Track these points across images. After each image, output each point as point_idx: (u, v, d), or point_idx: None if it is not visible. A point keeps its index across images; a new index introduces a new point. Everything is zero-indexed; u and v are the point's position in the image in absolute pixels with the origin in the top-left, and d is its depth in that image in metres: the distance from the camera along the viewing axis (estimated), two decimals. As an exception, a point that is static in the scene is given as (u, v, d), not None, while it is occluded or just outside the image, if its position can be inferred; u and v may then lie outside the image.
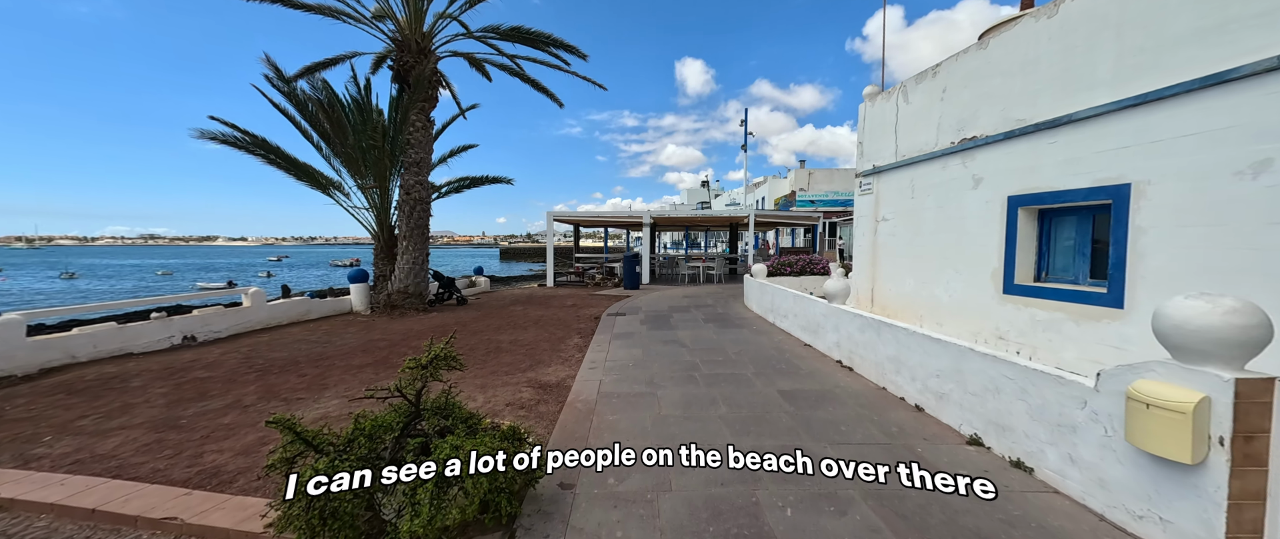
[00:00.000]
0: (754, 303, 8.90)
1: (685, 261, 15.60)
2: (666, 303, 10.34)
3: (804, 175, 37.51)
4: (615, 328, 7.48)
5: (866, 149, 8.12)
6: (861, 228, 8.23)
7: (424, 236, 9.25)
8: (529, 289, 14.47)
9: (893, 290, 7.29)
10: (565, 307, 10.24)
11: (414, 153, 8.99)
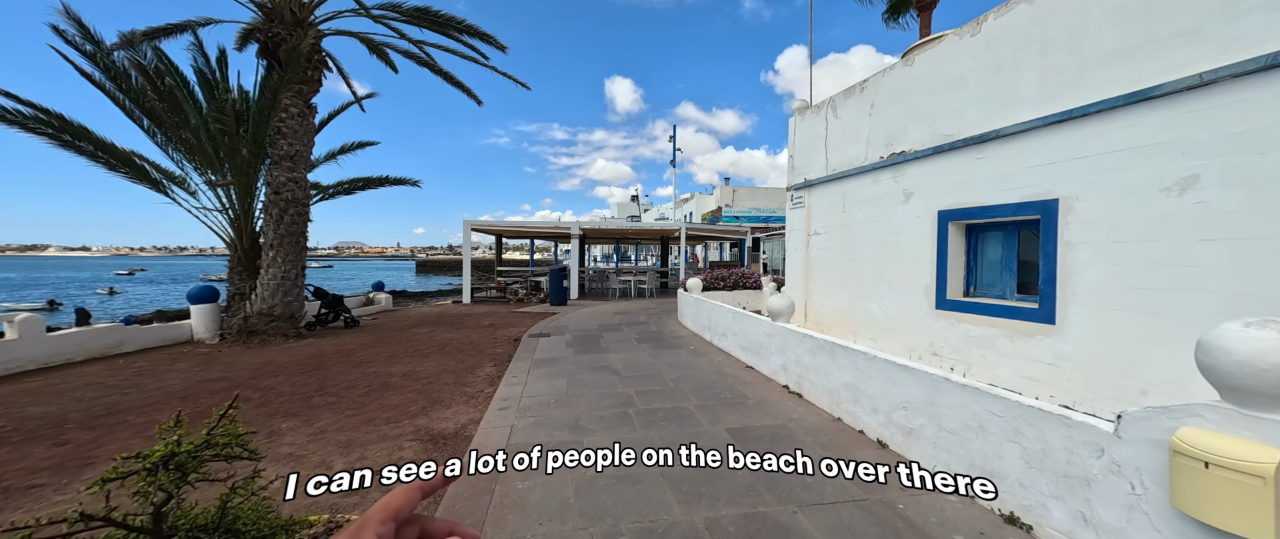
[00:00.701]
0: (690, 320, 8.43)
1: (616, 275, 14.95)
2: (596, 320, 9.55)
3: (728, 192, 38.99)
4: (537, 352, 6.54)
5: (797, 162, 8.07)
6: (794, 242, 8.13)
7: (299, 245, 7.61)
8: (441, 307, 12.87)
9: (827, 305, 7.18)
10: (480, 327, 9.03)
11: (287, 144, 7.38)
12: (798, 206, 8.03)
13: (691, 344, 7.02)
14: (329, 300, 8.72)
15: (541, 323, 9.39)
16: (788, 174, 8.45)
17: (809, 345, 4.36)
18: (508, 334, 8.25)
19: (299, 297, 7.58)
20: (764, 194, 39.24)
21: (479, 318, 10.35)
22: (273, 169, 7.35)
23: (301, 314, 7.69)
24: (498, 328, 8.98)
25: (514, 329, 8.81)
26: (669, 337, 7.65)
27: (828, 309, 7.12)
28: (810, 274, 7.69)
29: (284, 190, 7.33)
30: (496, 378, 5.31)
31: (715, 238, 20.39)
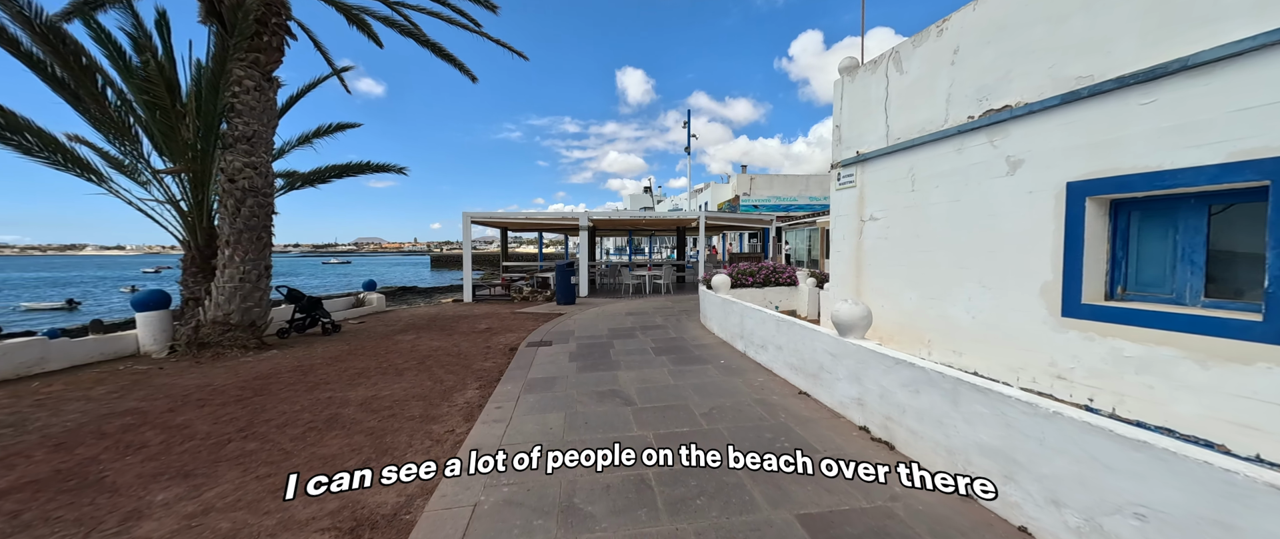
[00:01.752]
0: (716, 324, 7.16)
1: (629, 270, 13.74)
2: (606, 323, 8.35)
3: (746, 180, 37.35)
4: (533, 368, 5.38)
5: (845, 134, 6.69)
6: (841, 230, 6.78)
7: (261, 242, 6.56)
8: (438, 307, 11.85)
9: (886, 308, 5.84)
10: (475, 333, 7.92)
11: (242, 124, 6.30)
12: (846, 187, 6.66)
13: (721, 356, 5.77)
14: (304, 303, 7.71)
15: (544, 327, 8.23)
16: (833, 148, 7.06)
17: (903, 375, 3.06)
18: (503, 342, 7.11)
19: (261, 302, 6.55)
20: (783, 181, 37.51)
21: (476, 320, 9.26)
22: (227, 153, 6.28)
23: (265, 321, 6.66)
24: (494, 333, 7.86)
25: (512, 335, 7.68)
26: (692, 346, 6.41)
27: (887, 312, 5.78)
28: (862, 269, 6.34)
29: (240, 177, 6.27)
30: (476, 408, 4.16)
31: (736, 227, 19.00)
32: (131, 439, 3.51)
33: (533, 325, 8.61)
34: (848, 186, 6.63)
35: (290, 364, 5.71)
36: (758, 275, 8.68)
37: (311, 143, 8.12)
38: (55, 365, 5.38)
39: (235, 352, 6.04)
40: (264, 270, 6.63)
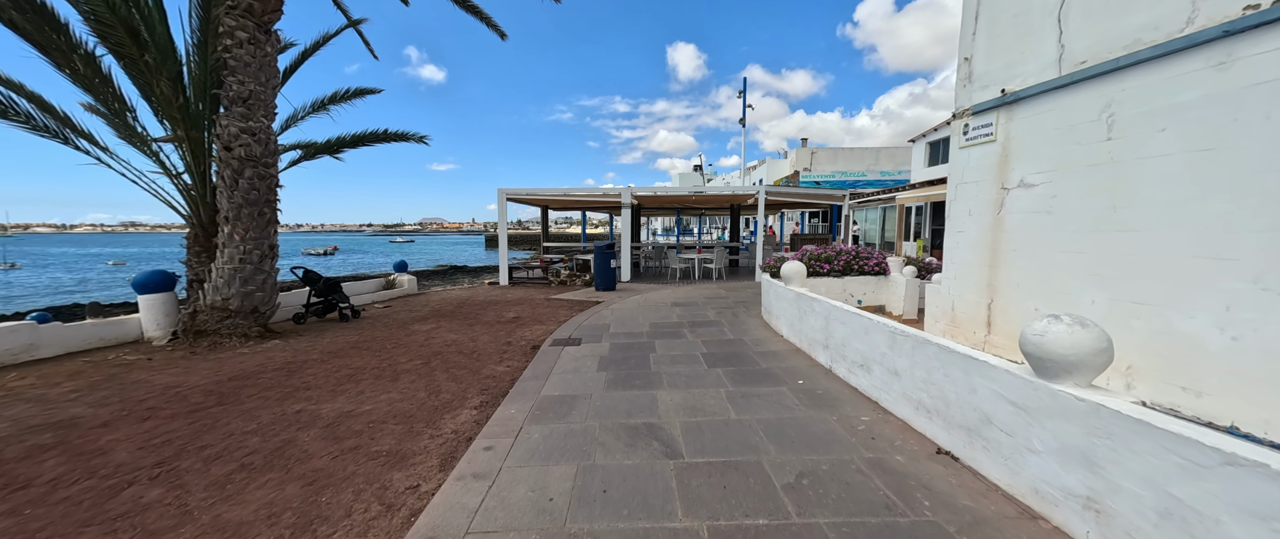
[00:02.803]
0: (785, 324, 5.66)
1: (676, 252, 12.35)
2: (648, 316, 7.08)
3: (806, 154, 34.34)
4: (551, 380, 4.23)
5: (980, 67, 4.84)
6: (966, 203, 5.00)
7: (264, 218, 5.86)
8: (471, 290, 11.13)
9: (1040, 312, 4.09)
10: (499, 323, 6.95)
11: (237, 83, 5.53)
12: (978, 142, 4.85)
13: (797, 371, 4.31)
14: (320, 286, 7.07)
15: (577, 318, 7.11)
16: (956, 91, 5.22)
17: (1251, 489, 1.49)
18: (527, 337, 6.05)
19: (265, 285, 5.88)
20: (848, 155, 34.15)
21: (504, 308, 8.33)
22: (221, 116, 5.56)
23: (270, 307, 6.02)
24: (519, 325, 6.84)
25: (539, 327, 6.62)
26: (755, 353, 4.98)
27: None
28: (1000, 256, 4.58)
29: (236, 144, 5.54)
30: (464, 441, 3.05)
31: (799, 204, 16.93)
32: (20, 473, 2.72)
33: (565, 315, 7.52)
34: (980, 141, 4.81)
35: (282, 360, 4.95)
36: (835, 262, 6.99)
37: (327, 109, 7.39)
38: (47, 352, 4.95)
39: (234, 341, 5.41)
40: (268, 250, 5.95)
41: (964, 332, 5.08)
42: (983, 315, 4.79)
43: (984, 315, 4.78)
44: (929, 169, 21.39)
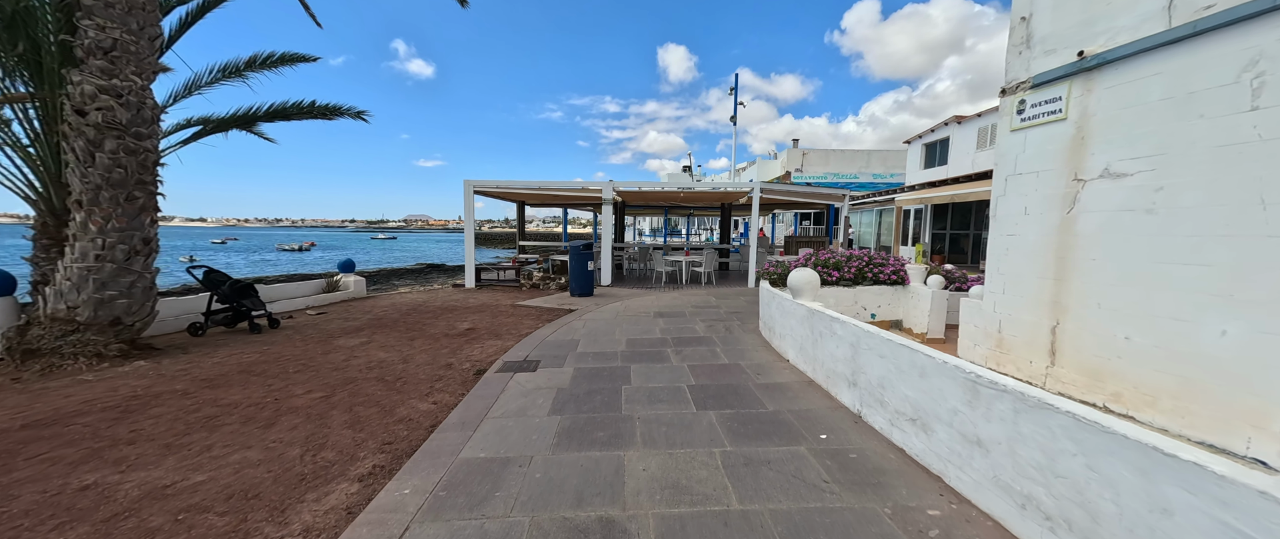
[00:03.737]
0: (791, 346, 4.59)
1: (662, 254, 11.26)
2: (626, 330, 5.98)
3: (797, 155, 33.69)
4: (485, 426, 3.10)
5: (1042, 24, 3.85)
6: (1022, 199, 4.01)
7: (134, 203, 4.59)
8: (431, 293, 9.88)
9: (1136, 341, 3.10)
10: (447, 337, 5.77)
11: (95, 29, 4.26)
12: (1039, 122, 3.85)
13: (816, 419, 3.24)
14: (226, 290, 5.80)
15: (541, 331, 5.96)
16: (1009, 59, 4.23)
17: None
18: (475, 357, 4.89)
19: (134, 289, 4.60)
20: (840, 157, 33.58)
21: (460, 316, 7.13)
22: (74, 72, 4.29)
23: (143, 316, 4.74)
24: (471, 340, 5.67)
25: (494, 343, 5.46)
26: (756, 388, 3.90)
27: (1145, 350, 3.06)
28: (1071, 266, 3.59)
29: (92, 107, 4.27)
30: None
31: (795, 204, 16.00)
32: None
33: (530, 326, 6.37)
34: (1043, 121, 3.80)
35: (127, 393, 3.71)
36: (845, 269, 5.97)
37: (243, 76, 6.10)
38: None
39: (80, 362, 4.14)
40: (141, 246, 4.68)
41: (1014, 359, 4.07)
42: (1043, 341, 3.79)
43: (1045, 341, 3.77)
44: (925, 171, 20.72)
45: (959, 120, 18.10)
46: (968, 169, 16.63)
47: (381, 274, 26.74)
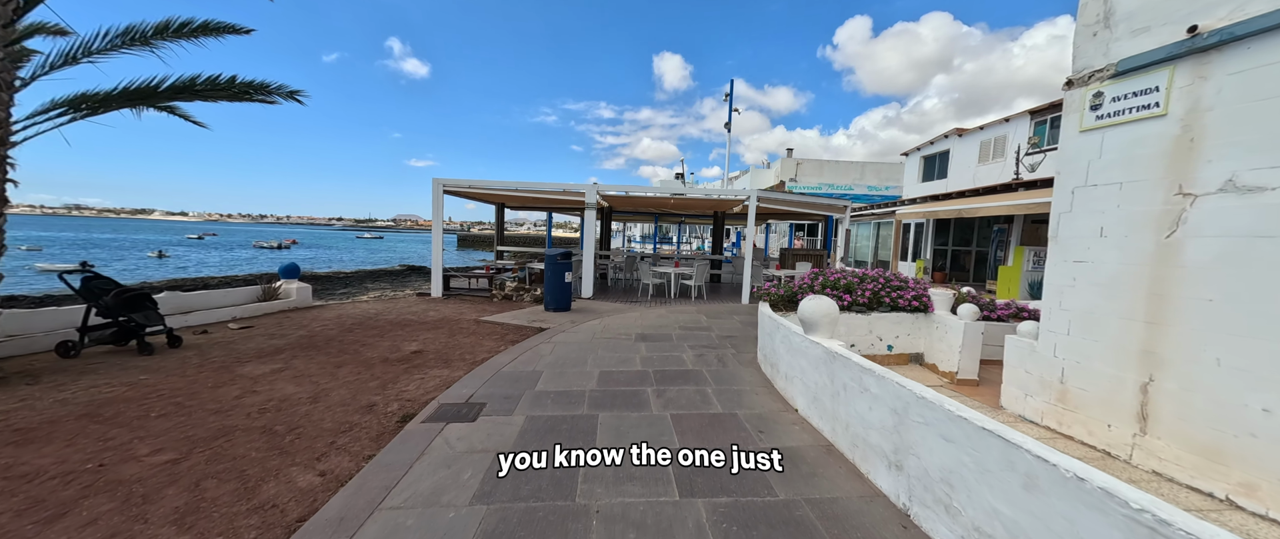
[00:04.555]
0: (801, 393, 3.69)
1: (649, 264, 10.36)
2: (600, 359, 5.04)
3: (791, 165, 33.25)
4: (369, 527, 2.12)
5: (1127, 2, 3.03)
6: (1092, 217, 3.16)
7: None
8: (389, 303, 8.83)
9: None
10: (383, 364, 4.77)
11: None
12: (1126, 119, 3.03)
13: (847, 527, 2.32)
14: (110, 301, 4.75)
15: (498, 358, 4.99)
16: (1075, 46, 3.40)
17: None
18: (406, 395, 3.91)
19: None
20: (835, 168, 33.21)
21: (412, 333, 6.13)
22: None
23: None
24: (412, 368, 4.68)
25: (437, 374, 4.48)
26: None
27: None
28: (1172, 306, 2.74)
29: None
30: None
31: (793, 214, 15.21)
32: None
33: (489, 349, 5.39)
34: (1134, 117, 2.96)
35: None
36: (858, 292, 5.10)
37: (151, 45, 5.09)
38: None
39: None
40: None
41: (1083, 419, 3.21)
42: (1128, 401, 2.93)
43: (1131, 401, 2.91)
44: (923, 184, 20.18)
45: (960, 133, 17.56)
46: (969, 183, 16.05)
47: (356, 276, 25.45)
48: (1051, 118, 13.68)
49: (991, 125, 16.01)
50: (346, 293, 18.14)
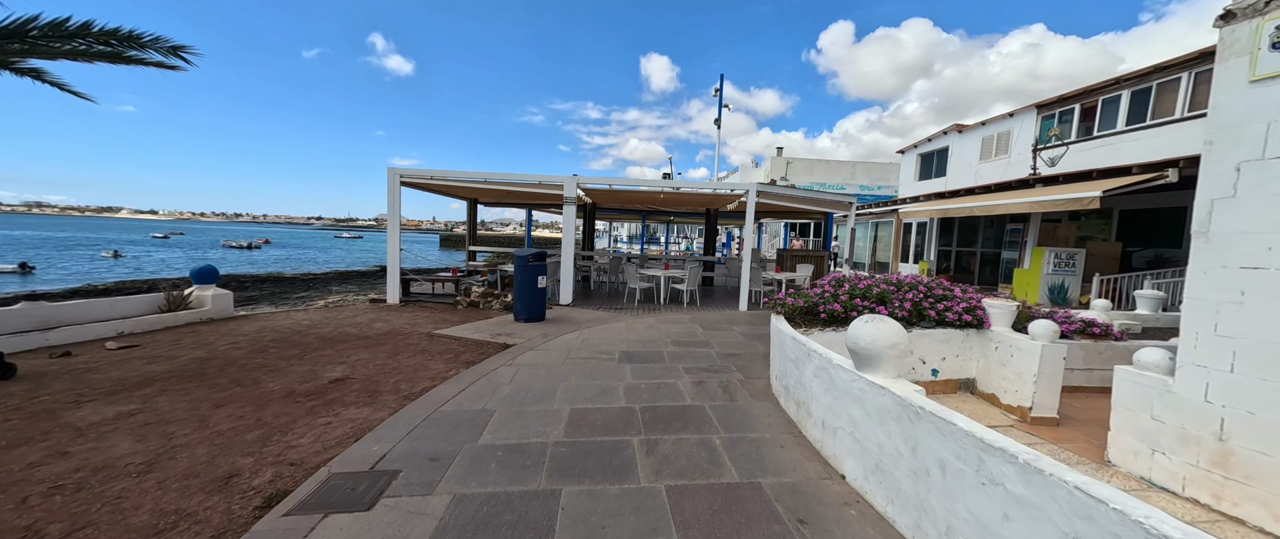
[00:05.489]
0: (851, 454, 2.63)
1: (636, 266, 9.27)
2: (573, 390, 3.93)
3: (782, 163, 32.63)
4: None
5: None
6: (1271, 208, 2.10)
7: None
8: (331, 312, 7.58)
9: None
10: (280, 402, 3.59)
11: None
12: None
13: None
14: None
15: (436, 395, 3.85)
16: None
17: None
18: (297, 450, 2.75)
19: None
20: (826, 166, 32.67)
21: (338, 355, 4.93)
22: None
23: None
24: (320, 407, 3.51)
25: (354, 414, 3.33)
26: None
27: None
28: None
29: None
30: None
31: (793, 212, 14.29)
32: None
33: (433, 373, 4.24)
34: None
35: None
36: (896, 303, 4.09)
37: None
38: None
39: None
40: None
41: (1260, 494, 2.22)
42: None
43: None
44: (920, 183, 19.50)
45: (960, 129, 16.88)
46: (970, 181, 15.34)
47: (324, 278, 23.83)
48: (1059, 112, 13.01)
49: (995, 120, 15.33)
50: (305, 296, 16.69)
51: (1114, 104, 11.29)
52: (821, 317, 4.18)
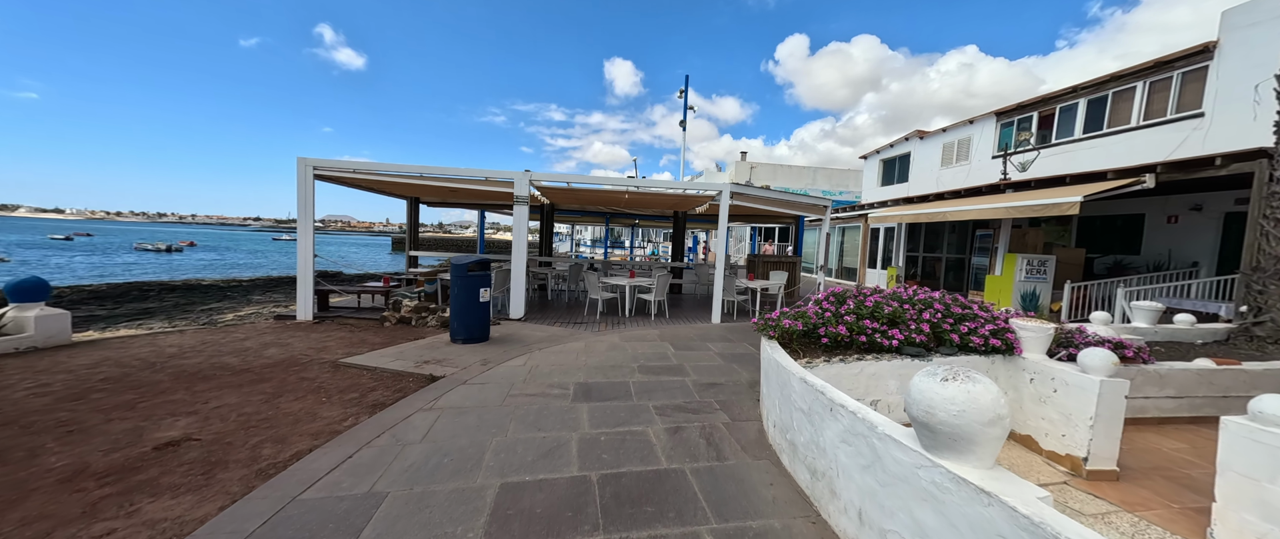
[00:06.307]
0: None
1: (598, 275, 8.29)
2: (505, 451, 2.91)
3: (746, 168, 32.64)
4: None
5: None
6: None
7: None
8: (213, 333, 6.12)
9: None
10: (50, 492, 2.36)
11: None
12: None
13: None
14: None
15: (302, 468, 2.72)
16: None
17: None
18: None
19: None
20: (789, 172, 32.98)
21: (194, 399, 3.65)
22: None
23: None
24: (112, 500, 2.31)
25: (158, 515, 2.16)
26: None
27: None
28: None
29: None
30: None
31: (766, 214, 13.71)
32: None
33: (313, 434, 3.09)
34: None
35: None
36: (910, 322, 3.36)
37: None
38: None
39: None
40: None
41: None
42: None
43: None
44: (883, 188, 19.63)
45: (921, 135, 17.03)
46: (932, 187, 15.41)
47: (252, 285, 21.22)
48: (1017, 119, 13.18)
49: (955, 127, 15.49)
50: (214, 309, 14.51)
51: (1071, 112, 11.43)
52: (824, 342, 3.38)
